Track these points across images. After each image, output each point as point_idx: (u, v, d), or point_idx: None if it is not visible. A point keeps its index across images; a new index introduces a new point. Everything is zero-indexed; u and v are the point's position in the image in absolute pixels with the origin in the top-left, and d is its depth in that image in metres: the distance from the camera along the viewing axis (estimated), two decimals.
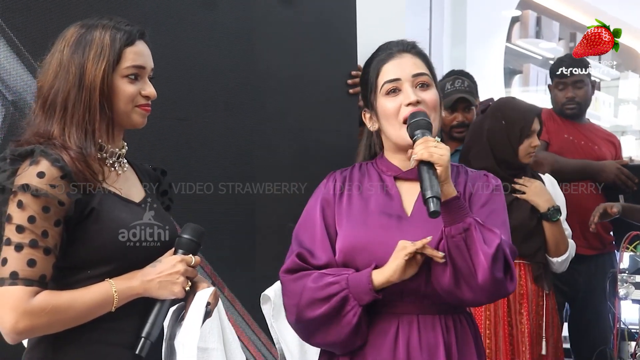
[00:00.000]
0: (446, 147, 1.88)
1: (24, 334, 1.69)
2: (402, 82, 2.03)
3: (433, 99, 2.03)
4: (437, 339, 1.95)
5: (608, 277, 3.40)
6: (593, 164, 3.83)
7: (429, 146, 1.87)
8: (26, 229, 1.67)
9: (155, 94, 1.86)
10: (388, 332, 1.97)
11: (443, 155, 1.86)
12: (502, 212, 2.04)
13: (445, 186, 1.88)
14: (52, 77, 1.79)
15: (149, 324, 1.78)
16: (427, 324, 1.96)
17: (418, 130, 1.93)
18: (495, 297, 1.99)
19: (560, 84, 3.97)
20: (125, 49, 1.81)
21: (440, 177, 1.86)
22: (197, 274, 1.85)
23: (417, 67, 2.05)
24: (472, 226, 1.87)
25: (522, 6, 7.75)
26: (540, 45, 8.02)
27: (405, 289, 1.95)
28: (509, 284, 1.91)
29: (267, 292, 2.72)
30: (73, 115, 1.77)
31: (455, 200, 1.89)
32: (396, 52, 2.07)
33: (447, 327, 1.98)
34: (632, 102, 8.78)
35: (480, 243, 1.86)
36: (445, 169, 1.86)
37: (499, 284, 1.89)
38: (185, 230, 1.85)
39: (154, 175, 2.02)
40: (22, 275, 1.66)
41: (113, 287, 1.74)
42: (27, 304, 1.65)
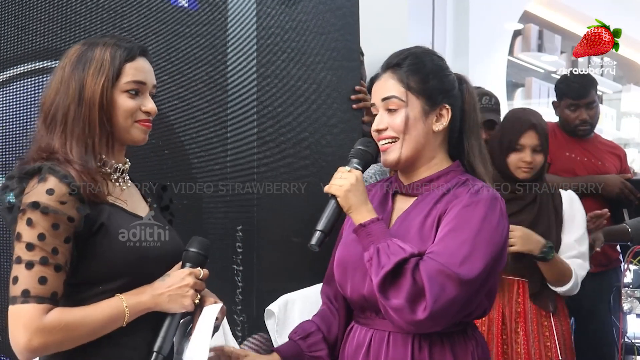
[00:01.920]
0: (350, 176, 1.93)
1: (37, 352, 1.69)
2: (376, 107, 2.05)
3: (396, 123, 1.99)
4: (405, 356, 1.93)
5: (612, 292, 3.39)
6: (596, 178, 3.82)
7: (335, 177, 1.95)
8: (36, 247, 1.67)
9: (156, 110, 1.88)
10: (362, 345, 2.00)
11: (342, 186, 1.92)
12: (469, 230, 1.89)
13: (352, 214, 1.93)
14: (53, 94, 1.82)
15: (160, 338, 1.80)
16: (398, 341, 1.95)
17: (352, 159, 2.01)
18: (408, 326, 1.86)
19: (572, 105, 3.92)
20: (125, 64, 1.83)
21: (343, 207, 1.93)
22: (204, 286, 1.86)
23: (386, 90, 2.02)
24: (373, 253, 1.87)
25: (524, 20, 7.76)
26: (542, 59, 8.03)
27: (371, 305, 1.97)
28: (420, 312, 1.80)
29: (271, 307, 2.72)
30: (73, 129, 1.79)
31: (360, 228, 1.91)
32: (381, 71, 2.08)
33: (420, 347, 1.93)
34: (635, 115, 8.78)
35: (375, 270, 1.86)
36: (343, 199, 1.91)
37: (399, 312, 1.82)
38: (192, 244, 1.88)
39: (155, 192, 2.05)
40: (33, 293, 1.66)
41: (124, 302, 1.75)
42: (40, 321, 1.66)
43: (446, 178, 2.03)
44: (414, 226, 1.96)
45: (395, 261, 1.82)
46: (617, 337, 3.32)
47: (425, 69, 2.03)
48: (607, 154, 4.04)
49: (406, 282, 1.81)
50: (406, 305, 1.81)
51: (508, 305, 3.02)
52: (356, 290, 2.00)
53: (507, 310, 3.02)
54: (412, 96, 2.00)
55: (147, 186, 2.02)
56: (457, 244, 1.87)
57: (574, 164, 3.91)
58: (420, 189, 2.03)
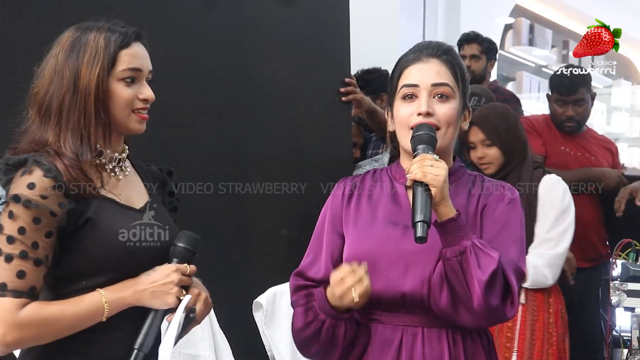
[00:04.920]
0: (443, 166, 1.81)
1: (12, 346, 1.67)
2: (419, 89, 1.95)
3: (448, 113, 1.94)
4: (442, 352, 1.90)
5: (600, 285, 3.40)
6: (594, 170, 3.83)
7: (424, 165, 1.80)
8: (16, 240, 1.65)
9: (153, 97, 1.82)
10: (392, 344, 1.92)
11: (438, 176, 1.78)
12: (517, 227, 1.94)
13: (441, 207, 1.81)
14: (47, 83, 1.77)
15: (141, 335, 1.75)
16: (433, 337, 1.91)
17: (420, 145, 1.86)
18: (493, 323, 1.92)
19: (560, 100, 3.93)
20: (120, 51, 1.78)
21: (435, 198, 1.79)
22: (192, 282, 1.82)
23: (440, 76, 1.96)
24: (467, 249, 1.79)
25: (515, 14, 7.77)
26: (533, 53, 8.04)
27: (409, 302, 1.91)
28: (509, 309, 1.84)
29: (259, 300, 2.72)
30: (68, 120, 1.75)
31: (452, 222, 1.81)
32: (424, 55, 1.98)
33: (454, 341, 1.91)
34: (625, 109, 8.79)
35: (474, 268, 1.78)
36: (440, 190, 1.78)
37: (495, 311, 1.82)
38: (180, 239, 1.83)
39: (159, 176, 1.98)
40: (10, 286, 1.64)
41: (104, 297, 1.72)
42: (15, 316, 1.64)
43: (459, 174, 2.02)
44: None
45: (497, 259, 1.79)
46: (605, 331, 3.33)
47: (464, 67, 2.04)
48: (599, 148, 4.05)
49: (501, 281, 1.81)
50: (500, 304, 1.81)
51: None
52: (392, 287, 1.90)
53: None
54: (458, 91, 1.98)
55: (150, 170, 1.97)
56: (511, 240, 1.91)
57: (568, 158, 3.92)
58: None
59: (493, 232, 1.91)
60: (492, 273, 1.78)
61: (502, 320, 1.90)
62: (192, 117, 2.90)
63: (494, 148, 3.10)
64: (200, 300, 1.82)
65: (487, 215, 1.94)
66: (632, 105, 8.85)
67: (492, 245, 1.85)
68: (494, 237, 1.90)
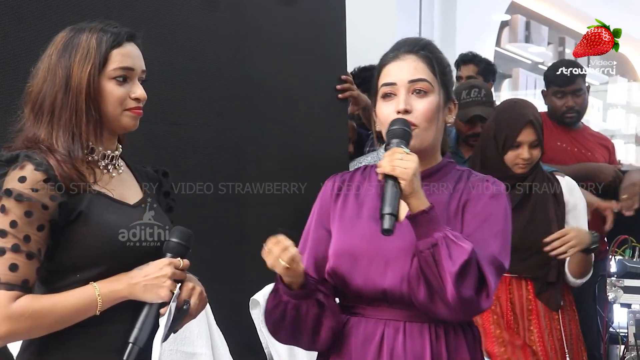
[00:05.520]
0: (413, 160, 1.81)
1: (4, 339, 1.68)
2: (397, 87, 1.96)
3: (427, 107, 1.94)
4: (424, 346, 1.90)
5: (597, 282, 3.40)
6: (590, 165, 3.84)
7: (393, 158, 1.81)
8: (8, 234, 1.66)
9: (145, 96, 1.84)
10: (373, 338, 1.93)
11: (407, 169, 1.79)
12: (498, 220, 1.93)
13: (412, 200, 1.81)
14: (40, 82, 1.80)
15: (136, 329, 1.76)
16: (415, 331, 1.92)
17: (394, 140, 1.87)
18: (469, 315, 1.91)
19: (558, 92, 3.94)
20: (111, 50, 1.80)
21: (404, 191, 1.79)
22: (185, 276, 1.83)
23: (417, 72, 1.96)
24: (439, 241, 1.79)
25: (512, 10, 7.78)
26: (529, 50, 8.05)
27: (390, 297, 1.92)
28: (484, 301, 1.83)
29: (256, 297, 2.72)
30: (60, 118, 1.77)
31: (423, 215, 1.81)
32: (401, 53, 1.99)
33: (437, 336, 1.92)
34: (621, 106, 8.80)
35: (446, 260, 1.78)
36: (409, 183, 1.79)
37: (468, 303, 1.81)
38: (173, 234, 1.84)
39: (154, 177, 2.00)
40: (3, 280, 1.65)
41: (97, 290, 1.72)
42: (8, 308, 1.65)
43: (447, 169, 2.02)
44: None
45: (469, 250, 1.79)
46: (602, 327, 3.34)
47: (444, 61, 2.03)
48: (596, 145, 4.05)
49: (474, 273, 1.80)
50: (474, 296, 1.81)
51: (518, 304, 2.95)
52: (372, 282, 1.91)
53: (517, 309, 2.95)
54: (437, 85, 1.98)
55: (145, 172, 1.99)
56: (492, 234, 1.90)
57: (565, 154, 3.92)
58: (428, 179, 1.97)
59: (473, 225, 1.91)
60: (463, 264, 1.78)
61: (477, 312, 1.89)
62: (192, 115, 2.90)
63: (538, 149, 3.00)
64: (195, 294, 1.83)
65: (469, 209, 1.94)
66: (628, 102, 8.86)
67: (472, 238, 1.85)
68: (474, 230, 1.90)
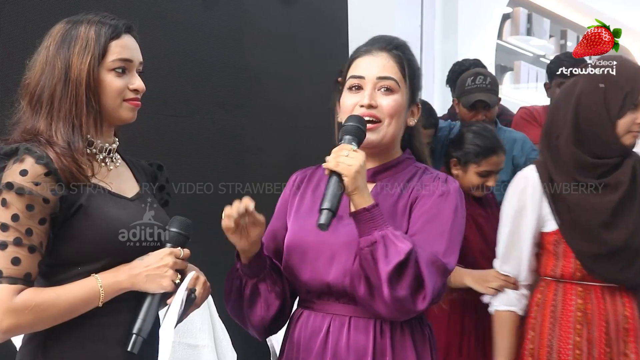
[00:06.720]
0: (359, 157, 1.82)
1: (8, 332, 1.68)
2: (365, 81, 1.99)
3: (391, 105, 1.97)
4: (368, 342, 1.92)
5: None
6: None
7: (339, 155, 1.83)
8: (10, 227, 1.67)
9: (144, 88, 1.85)
10: (320, 331, 1.96)
11: (351, 166, 1.80)
12: (447, 220, 1.92)
13: (355, 197, 1.83)
14: (38, 74, 1.79)
15: (139, 320, 1.77)
16: (360, 326, 1.93)
17: (346, 136, 1.89)
18: (404, 315, 1.88)
19: (563, 83, 3.93)
20: (110, 42, 1.81)
21: (347, 188, 1.81)
22: (186, 265, 1.84)
23: (386, 70, 1.99)
24: (377, 240, 1.80)
25: (513, 3, 7.76)
26: (531, 43, 8.04)
27: (334, 291, 1.94)
28: (419, 302, 1.81)
29: None
30: (60, 110, 1.77)
31: (364, 212, 1.82)
32: (375, 49, 2.02)
33: (381, 332, 1.93)
34: None
35: (382, 259, 1.79)
36: (352, 180, 1.80)
37: (402, 302, 1.81)
38: (172, 223, 1.85)
39: (150, 171, 2.02)
40: (6, 273, 1.66)
41: (99, 282, 1.73)
42: (11, 302, 1.65)
43: (403, 165, 2.04)
44: (385, 211, 1.91)
45: (407, 251, 1.78)
46: None
47: (415, 64, 2.06)
48: None
49: (410, 273, 1.80)
50: (409, 296, 1.80)
51: (613, 322, 2.43)
52: (318, 276, 1.95)
53: (611, 328, 2.42)
54: (405, 86, 2.01)
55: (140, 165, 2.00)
56: (437, 233, 1.89)
57: None
58: (381, 175, 2.02)
59: (419, 224, 1.91)
60: (398, 264, 1.78)
61: (413, 313, 1.86)
62: (193, 107, 2.91)
63: None
64: (199, 283, 1.85)
65: (417, 208, 1.94)
66: None
67: (416, 237, 1.86)
68: (419, 229, 1.90)
